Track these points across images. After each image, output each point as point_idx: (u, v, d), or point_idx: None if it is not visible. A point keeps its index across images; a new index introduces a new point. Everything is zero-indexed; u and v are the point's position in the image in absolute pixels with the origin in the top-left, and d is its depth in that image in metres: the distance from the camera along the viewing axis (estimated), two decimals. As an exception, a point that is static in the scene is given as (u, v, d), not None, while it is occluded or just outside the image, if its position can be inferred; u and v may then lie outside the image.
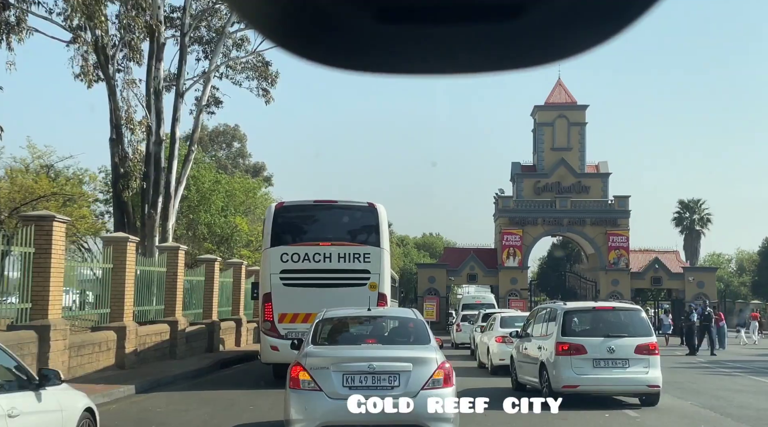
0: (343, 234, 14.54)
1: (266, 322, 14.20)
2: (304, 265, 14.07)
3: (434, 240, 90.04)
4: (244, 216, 32.36)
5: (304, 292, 13.97)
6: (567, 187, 47.92)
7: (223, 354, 21.73)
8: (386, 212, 14.94)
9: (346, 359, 7.64)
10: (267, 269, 14.39)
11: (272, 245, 14.30)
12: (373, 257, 14.19)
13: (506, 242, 47.11)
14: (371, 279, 14.06)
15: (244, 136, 58.55)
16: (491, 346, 17.75)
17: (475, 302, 38.38)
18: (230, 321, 25.70)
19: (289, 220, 14.83)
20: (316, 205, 15.17)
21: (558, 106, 48.57)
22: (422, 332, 8.42)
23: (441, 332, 44.02)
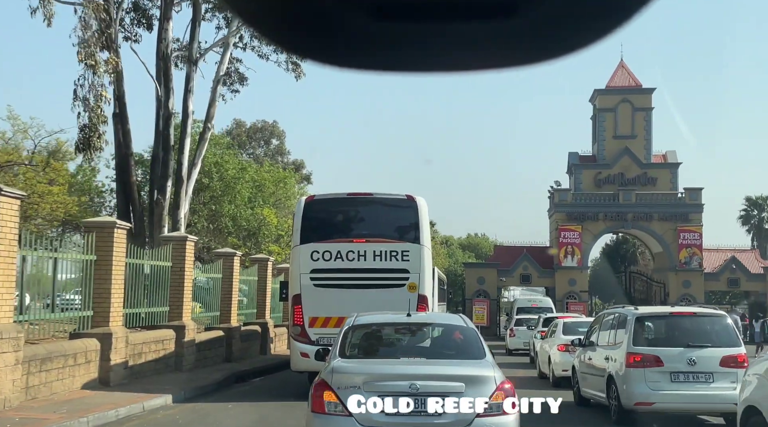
0: (379, 230, 13.74)
1: (296, 326, 13.39)
2: (336, 264, 13.28)
3: (479, 241, 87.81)
4: (273, 208, 29.37)
5: (336, 293, 13.15)
6: (631, 179, 43.92)
7: (241, 365, 18.71)
8: (427, 206, 13.90)
9: (382, 377, 6.46)
10: (296, 269, 13.58)
11: (302, 241, 13.48)
12: (413, 255, 13.32)
13: (563, 239, 43.33)
14: (410, 279, 13.22)
15: (282, 133, 57.51)
16: (553, 355, 16.48)
17: (531, 305, 35.75)
18: (254, 326, 22.73)
19: (321, 214, 13.97)
20: (349, 198, 14.20)
21: (621, 89, 44.60)
22: (474, 343, 7.33)
23: (491, 337, 40.65)
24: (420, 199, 13.88)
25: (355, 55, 1.01)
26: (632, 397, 10.41)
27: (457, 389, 6.33)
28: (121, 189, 19.48)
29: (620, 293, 54.46)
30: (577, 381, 12.87)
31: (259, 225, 28.24)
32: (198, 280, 20.01)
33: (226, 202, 27.61)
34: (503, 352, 29.34)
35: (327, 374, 6.58)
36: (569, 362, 14.40)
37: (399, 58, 1.01)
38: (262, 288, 23.81)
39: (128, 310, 15.07)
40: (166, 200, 19.20)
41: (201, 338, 18.04)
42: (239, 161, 28.40)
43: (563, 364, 15.48)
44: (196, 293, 19.85)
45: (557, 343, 16.38)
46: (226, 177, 27.58)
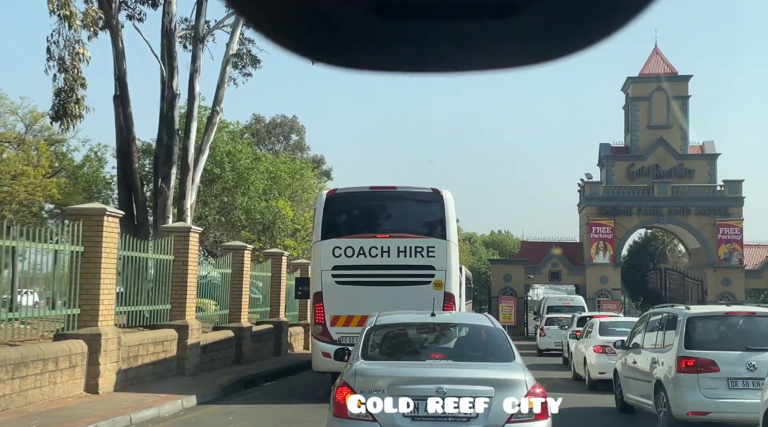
0: (403, 225, 13.36)
1: (317, 325, 13.08)
2: (359, 260, 12.95)
3: (503, 238, 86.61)
4: (289, 201, 27.94)
5: (359, 291, 12.80)
6: (667, 171, 41.98)
7: (251, 368, 17.30)
8: (453, 200, 13.45)
9: (407, 380, 6.23)
10: (317, 265, 13.22)
11: (323, 237, 13.14)
12: (439, 251, 12.94)
13: (595, 234, 41.50)
14: (436, 276, 12.85)
15: (302, 128, 57.15)
16: (589, 356, 15.69)
17: (561, 303, 34.46)
18: (267, 325, 21.33)
19: (342, 209, 13.66)
20: (372, 192, 13.86)
21: (655, 77, 42.63)
22: (503, 344, 7.03)
23: (518, 337, 39.00)
24: (446, 192, 13.41)
25: (360, 55, 1.02)
26: (685, 405, 9.52)
27: (487, 394, 6.04)
28: (122, 178, 18.12)
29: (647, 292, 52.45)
30: (619, 386, 12.07)
31: (274, 218, 26.82)
32: (212, 276, 18.66)
33: (239, 194, 26.22)
34: (533, 352, 28.03)
35: (349, 376, 6.31)
36: (607, 364, 13.97)
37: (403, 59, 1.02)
38: (276, 285, 22.39)
39: (125, 308, 13.72)
40: (171, 189, 17.80)
41: (207, 338, 16.64)
42: (253, 150, 26.97)
43: (600, 366, 14.93)
44: (209, 289, 18.52)
45: (593, 344, 15.57)
46: (239, 167, 26.18)
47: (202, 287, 18.69)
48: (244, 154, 26.80)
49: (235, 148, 26.47)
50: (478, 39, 0.96)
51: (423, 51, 0.99)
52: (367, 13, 0.92)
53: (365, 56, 1.01)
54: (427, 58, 1.01)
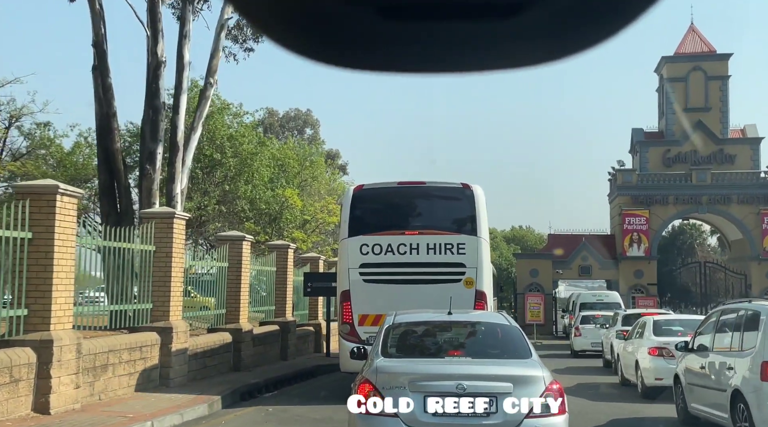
0: (433, 221, 13.23)
1: (345, 324, 12.90)
2: (387, 258, 12.81)
3: (525, 233, 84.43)
4: (297, 189, 25.72)
5: (387, 289, 12.64)
6: (706, 157, 39.38)
7: (251, 375, 15.15)
8: (484, 195, 13.24)
9: (428, 377, 6.33)
10: (345, 263, 13.07)
11: (350, 234, 12.99)
12: (470, 248, 12.77)
13: (628, 225, 38.96)
14: (467, 274, 12.67)
15: (316, 122, 56.05)
16: (642, 360, 13.84)
17: (595, 300, 31.95)
18: (271, 325, 19.18)
19: (370, 205, 13.51)
20: (400, 187, 13.60)
21: (692, 56, 40.02)
22: (519, 342, 7.09)
23: (547, 336, 36.60)
24: (477, 187, 13.21)
25: (363, 56, 1.02)
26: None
27: (505, 390, 6.20)
28: (103, 159, 15.99)
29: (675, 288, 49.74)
30: (681, 394, 10.78)
31: (280, 209, 24.64)
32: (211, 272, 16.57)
33: (242, 182, 24.05)
34: (566, 353, 25.93)
35: (371, 373, 6.47)
36: (665, 368, 12.73)
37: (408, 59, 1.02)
38: (282, 281, 20.20)
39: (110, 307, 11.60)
40: (157, 171, 15.64)
41: (199, 343, 14.49)
42: (258, 134, 24.79)
43: (656, 371, 13.34)
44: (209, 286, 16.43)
45: (648, 345, 13.72)
46: (242, 153, 24.02)
47: (204, 284, 16.64)
48: (248, 138, 24.62)
49: (238, 131, 24.28)
50: (483, 38, 0.96)
51: (428, 51, 0.99)
52: (370, 13, 0.92)
53: (369, 57, 1.02)
54: (432, 59, 1.02)
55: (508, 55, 1.00)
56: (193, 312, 15.64)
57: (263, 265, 19.36)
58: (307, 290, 21.55)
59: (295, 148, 27.98)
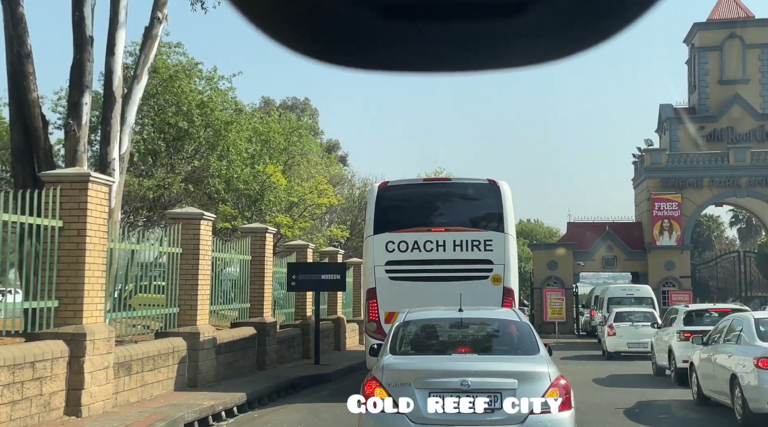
0: (459, 218, 13.38)
1: (371, 322, 13.11)
2: (413, 255, 12.96)
3: (533, 227, 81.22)
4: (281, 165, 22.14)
5: (414, 287, 12.69)
6: (744, 135, 35.79)
7: (206, 396, 11.67)
8: (510, 191, 13.32)
9: (433, 373, 6.49)
10: (371, 261, 13.28)
11: (376, 231, 13.20)
12: (497, 244, 12.88)
13: (658, 211, 35.37)
14: (494, 271, 12.77)
15: (315, 111, 53.92)
16: (744, 375, 9.86)
17: (625, 294, 29.31)
18: (246, 327, 15.73)
19: (395, 202, 13.59)
20: (426, 184, 14.44)
21: (728, 22, 36.39)
22: (528, 338, 7.21)
23: (569, 335, 33.14)
24: (503, 183, 13.36)
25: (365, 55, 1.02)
26: None
27: (510, 386, 6.26)
28: (15, 114, 12.47)
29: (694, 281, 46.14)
30: None
31: (261, 188, 21.13)
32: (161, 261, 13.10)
33: (215, 157, 20.53)
34: (598, 355, 22.87)
35: (378, 370, 6.61)
36: None
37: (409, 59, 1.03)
38: (258, 272, 16.72)
39: None
40: (82, 127, 12.11)
41: (137, 353, 11.00)
42: (233, 100, 21.27)
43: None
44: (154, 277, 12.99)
45: (753, 355, 9.76)
46: (215, 122, 20.50)
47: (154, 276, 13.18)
48: (226, 103, 21.05)
49: (210, 98, 20.73)
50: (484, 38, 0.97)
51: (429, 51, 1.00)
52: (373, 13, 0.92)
53: (372, 57, 1.02)
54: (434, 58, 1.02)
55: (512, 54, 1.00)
56: (133, 312, 12.14)
57: (234, 253, 15.86)
58: (292, 284, 18.14)
59: (282, 121, 24.40)
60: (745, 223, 74.46)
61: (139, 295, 13.41)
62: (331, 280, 18.29)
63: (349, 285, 25.16)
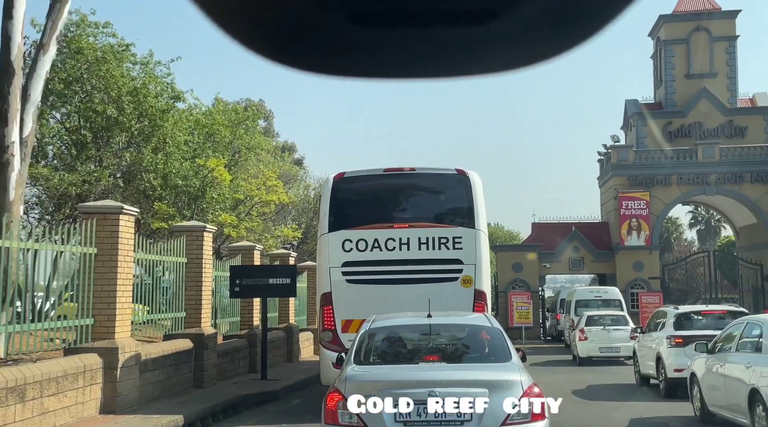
0: (424, 212, 12.44)
1: (326, 331, 11.99)
2: (373, 255, 11.99)
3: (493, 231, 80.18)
4: (224, 158, 20.20)
5: (374, 291, 11.83)
6: (713, 130, 34.86)
7: (125, 422, 9.75)
8: (481, 182, 12.34)
9: (399, 384, 6.24)
10: (325, 262, 12.18)
11: (331, 229, 12.16)
12: (467, 242, 11.86)
13: (626, 210, 34.20)
14: (464, 272, 11.77)
15: (270, 113, 52.51)
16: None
17: (593, 297, 28.47)
18: (180, 340, 13.83)
19: (353, 195, 12.70)
20: (387, 175, 12.59)
21: (694, 14, 35.47)
22: (500, 344, 6.98)
23: (535, 340, 31.77)
24: (473, 173, 12.38)
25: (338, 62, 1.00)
26: None
27: (481, 395, 6.04)
28: None
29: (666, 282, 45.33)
30: None
31: (203, 184, 19.18)
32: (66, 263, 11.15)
33: (149, 150, 18.52)
34: (568, 360, 21.90)
35: (341, 382, 6.42)
36: None
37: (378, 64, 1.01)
38: (195, 277, 14.82)
39: None
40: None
41: (32, 374, 9.04)
42: (171, 86, 19.30)
43: None
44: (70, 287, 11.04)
45: None
46: (150, 111, 18.51)
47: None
48: (162, 89, 19.05)
49: (144, 84, 18.71)
50: (456, 45, 0.96)
51: (400, 57, 0.99)
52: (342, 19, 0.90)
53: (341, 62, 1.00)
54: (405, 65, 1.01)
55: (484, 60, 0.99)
56: (34, 325, 10.15)
57: (165, 255, 13.94)
58: (235, 290, 16.31)
59: (227, 112, 22.46)
60: (704, 224, 74.36)
61: (66, 304, 11.56)
62: (281, 284, 16.56)
63: (303, 291, 23.50)
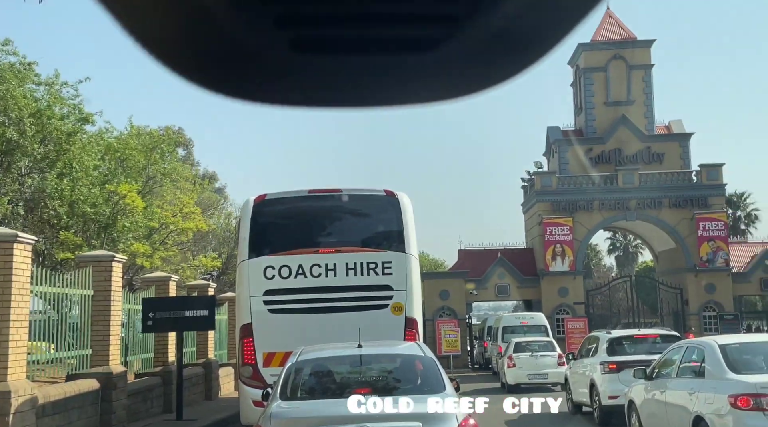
0: (352, 236, 12.07)
1: (246, 366, 11.38)
2: (298, 282, 11.44)
3: (418, 259, 79.83)
4: (136, 183, 19.13)
5: (299, 321, 11.31)
6: (632, 156, 35.57)
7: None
8: (411, 204, 11.94)
9: (327, 420, 6.04)
10: (245, 290, 11.66)
11: (251, 254, 11.62)
12: (397, 267, 11.40)
13: (550, 236, 34.41)
14: (395, 299, 11.24)
15: (189, 142, 51.19)
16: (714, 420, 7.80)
17: (520, 323, 28.37)
18: (85, 379, 12.69)
19: (275, 218, 12.21)
20: (312, 196, 12.08)
21: (611, 43, 36.32)
22: (433, 374, 6.75)
23: (463, 369, 31.35)
24: (402, 195, 11.90)
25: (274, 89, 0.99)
26: None
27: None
28: None
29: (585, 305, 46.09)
30: None
31: (113, 212, 18.06)
32: None
33: (54, 175, 17.33)
34: (497, 387, 22.09)
35: (265, 420, 6.21)
36: None
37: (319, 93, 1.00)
38: (102, 311, 13.68)
39: None
40: None
41: None
42: (78, 108, 18.19)
43: None
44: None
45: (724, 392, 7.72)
46: (55, 134, 17.36)
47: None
48: (69, 110, 17.90)
49: (48, 106, 17.57)
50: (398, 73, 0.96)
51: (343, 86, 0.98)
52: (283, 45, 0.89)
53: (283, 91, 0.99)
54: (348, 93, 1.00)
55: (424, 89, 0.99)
56: None
57: (71, 286, 12.83)
58: (148, 324, 15.21)
59: (141, 137, 21.40)
60: (622, 250, 76.12)
61: None
62: (198, 317, 15.56)
63: (223, 323, 22.45)
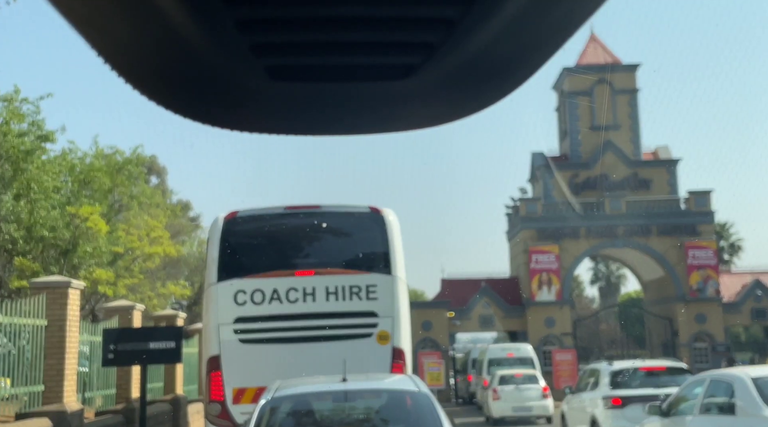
0: (333, 257, 11.08)
1: (213, 403, 10.45)
2: (272, 308, 10.44)
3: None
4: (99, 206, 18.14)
5: (273, 351, 10.42)
6: (618, 182, 35.04)
7: None
8: (398, 222, 10.96)
9: None
10: (213, 318, 10.57)
11: (221, 277, 10.55)
12: (382, 291, 10.44)
13: (536, 264, 33.66)
14: (380, 326, 10.34)
15: (163, 169, 50.28)
16: None
17: (506, 355, 27.47)
18: (37, 419, 11.54)
19: (248, 238, 11.27)
20: (289, 213, 11.16)
21: (596, 67, 36.01)
22: (429, 412, 6.02)
23: (445, 404, 30.31)
24: (388, 211, 10.89)
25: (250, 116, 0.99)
26: None
27: None
28: None
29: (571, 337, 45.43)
30: None
31: (74, 236, 17.01)
32: None
33: (10, 197, 16.28)
34: (481, 421, 22.22)
35: None
36: None
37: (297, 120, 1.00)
38: (57, 343, 12.57)
39: None
40: None
41: None
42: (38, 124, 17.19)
43: None
44: None
45: None
46: (12, 153, 16.34)
47: None
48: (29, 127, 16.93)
49: (5, 123, 16.57)
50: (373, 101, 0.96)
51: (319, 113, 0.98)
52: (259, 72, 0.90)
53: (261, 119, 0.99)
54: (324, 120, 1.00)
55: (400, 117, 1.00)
56: None
57: (23, 316, 11.75)
58: (109, 357, 14.08)
59: (108, 157, 20.43)
60: (605, 281, 75.58)
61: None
62: (164, 349, 14.43)
63: (193, 356, 21.35)
